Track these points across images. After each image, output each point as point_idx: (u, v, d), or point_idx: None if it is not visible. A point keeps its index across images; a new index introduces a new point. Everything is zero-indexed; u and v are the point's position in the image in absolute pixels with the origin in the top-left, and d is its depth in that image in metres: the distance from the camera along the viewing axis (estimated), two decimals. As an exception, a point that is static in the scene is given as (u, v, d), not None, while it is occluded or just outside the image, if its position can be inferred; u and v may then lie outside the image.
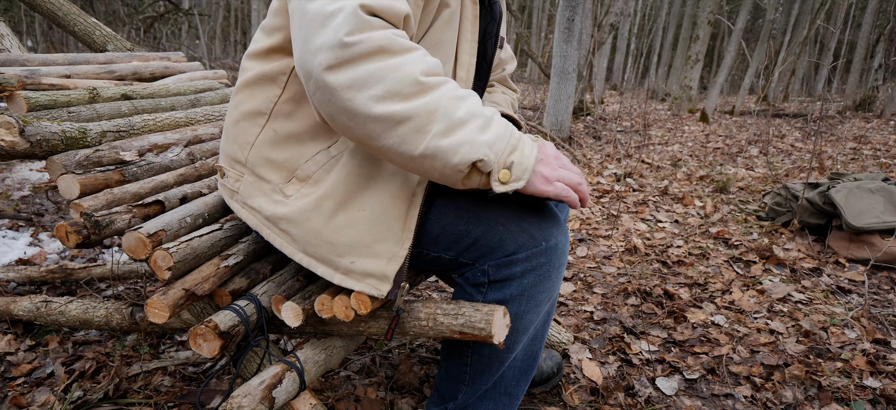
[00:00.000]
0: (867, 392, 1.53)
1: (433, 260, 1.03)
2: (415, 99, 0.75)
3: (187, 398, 1.40)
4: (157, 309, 0.95)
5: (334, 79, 0.75)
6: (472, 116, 0.77)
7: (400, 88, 0.75)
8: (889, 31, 12.48)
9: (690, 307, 2.03)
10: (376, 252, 0.91)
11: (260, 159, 0.98)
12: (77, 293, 1.93)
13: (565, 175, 0.84)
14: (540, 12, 21.23)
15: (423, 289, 2.12)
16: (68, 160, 1.03)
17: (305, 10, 0.77)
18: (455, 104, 0.77)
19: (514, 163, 0.79)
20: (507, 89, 1.40)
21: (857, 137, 7.04)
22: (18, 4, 8.18)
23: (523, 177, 0.80)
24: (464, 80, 0.96)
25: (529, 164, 0.80)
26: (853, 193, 2.62)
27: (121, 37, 2.43)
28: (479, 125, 0.78)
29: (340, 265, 0.92)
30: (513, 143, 0.80)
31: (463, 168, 0.78)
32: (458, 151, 0.76)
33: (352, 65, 0.74)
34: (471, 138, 0.76)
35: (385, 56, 0.75)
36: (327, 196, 0.91)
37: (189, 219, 1.08)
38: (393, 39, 0.75)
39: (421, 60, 0.77)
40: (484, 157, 0.77)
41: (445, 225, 0.98)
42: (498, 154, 0.78)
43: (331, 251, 0.92)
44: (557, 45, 5.14)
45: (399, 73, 0.75)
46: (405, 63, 0.75)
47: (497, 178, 0.79)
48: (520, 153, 0.80)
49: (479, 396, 1.08)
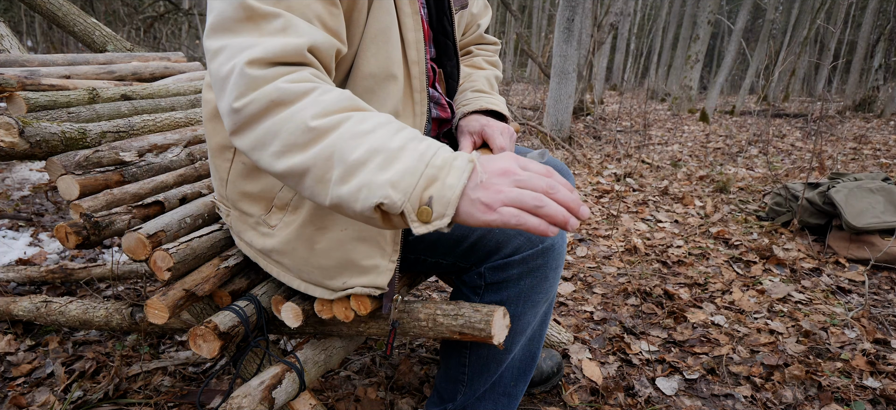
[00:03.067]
0: (867, 392, 1.53)
1: (431, 265, 1.03)
2: (310, 148, 0.68)
3: (187, 398, 1.40)
4: (156, 309, 0.95)
5: (240, 144, 0.73)
6: (372, 153, 0.66)
7: (293, 140, 0.68)
8: (889, 31, 12.48)
9: (690, 307, 2.03)
10: (365, 268, 0.90)
11: (237, 194, 0.96)
12: (77, 293, 1.93)
13: (516, 195, 0.65)
14: (540, 12, 21.22)
15: (423, 289, 2.12)
16: (68, 161, 1.03)
17: (211, 71, 0.74)
18: (352, 144, 0.66)
19: (433, 198, 0.65)
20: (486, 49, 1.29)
21: (857, 137, 7.03)
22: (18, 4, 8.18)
23: (447, 213, 0.65)
24: (415, 62, 0.89)
25: (453, 196, 0.65)
26: (853, 193, 2.61)
27: (121, 37, 2.43)
28: (379, 162, 0.66)
29: (334, 287, 0.92)
30: (430, 174, 0.65)
31: (369, 214, 0.67)
32: (357, 197, 0.66)
33: (248, 128, 0.71)
34: (369, 180, 0.65)
35: (278, 109, 0.69)
36: (307, 222, 0.89)
37: (189, 220, 1.08)
38: (284, 89, 0.69)
39: (314, 102, 0.69)
40: (385, 200, 0.65)
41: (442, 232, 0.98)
42: (406, 192, 0.65)
43: (323, 275, 0.92)
44: (557, 45, 5.14)
45: (291, 124, 0.68)
46: (297, 111, 0.68)
47: (414, 219, 0.66)
48: (440, 184, 0.65)
49: (477, 396, 1.08)
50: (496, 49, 1.31)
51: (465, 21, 1.22)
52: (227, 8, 0.72)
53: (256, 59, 0.69)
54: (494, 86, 1.20)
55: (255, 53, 0.69)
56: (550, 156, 1.00)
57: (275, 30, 0.71)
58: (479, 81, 1.16)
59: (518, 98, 9.97)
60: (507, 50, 20.77)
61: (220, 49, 0.72)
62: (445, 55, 1.08)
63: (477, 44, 1.29)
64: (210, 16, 0.74)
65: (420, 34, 0.89)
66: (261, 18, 0.71)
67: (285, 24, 0.72)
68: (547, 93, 7.18)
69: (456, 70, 1.10)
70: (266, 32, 0.71)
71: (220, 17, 0.72)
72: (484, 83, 1.16)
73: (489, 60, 1.27)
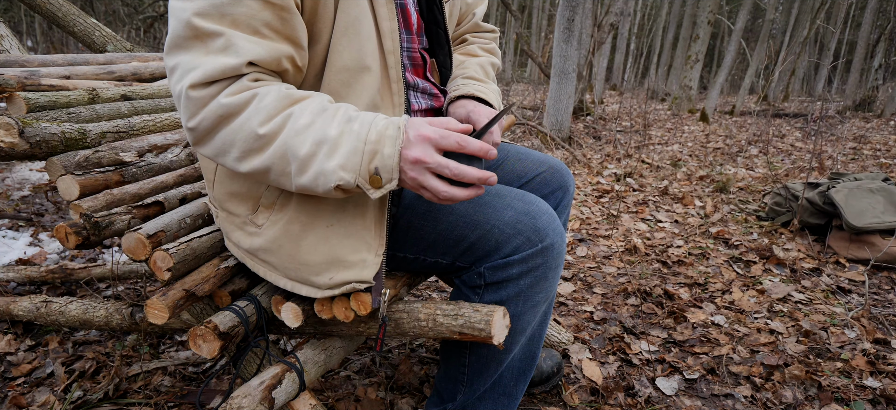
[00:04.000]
0: (867, 392, 1.53)
1: (430, 265, 1.03)
2: (265, 150, 0.78)
3: (187, 398, 1.40)
4: (156, 309, 0.95)
5: (203, 152, 0.83)
6: (318, 146, 0.77)
7: (249, 146, 0.78)
8: (889, 31, 12.48)
9: (690, 307, 2.03)
10: (351, 263, 0.90)
11: (224, 194, 0.97)
12: (77, 293, 1.93)
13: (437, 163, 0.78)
14: (540, 12, 21.22)
15: (422, 289, 2.12)
16: (68, 161, 1.03)
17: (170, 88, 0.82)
18: (299, 141, 0.77)
19: (379, 168, 0.78)
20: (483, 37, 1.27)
21: (857, 137, 7.03)
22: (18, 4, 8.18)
23: (394, 177, 0.78)
24: (391, 51, 0.89)
25: (393, 163, 0.77)
26: (853, 193, 2.61)
27: (121, 37, 2.43)
28: (326, 152, 0.77)
29: (320, 283, 0.92)
30: (370, 150, 0.77)
31: (333, 194, 0.79)
32: (317, 183, 0.78)
33: (205, 141, 0.81)
34: (321, 168, 0.77)
35: (226, 122, 0.78)
36: (293, 219, 0.91)
37: (189, 220, 1.08)
38: (226, 104, 0.76)
39: (257, 110, 0.77)
40: (341, 181, 0.77)
41: (441, 232, 0.98)
42: (355, 171, 0.77)
43: (309, 272, 0.92)
44: (557, 45, 5.14)
45: (243, 133, 0.78)
46: (245, 121, 0.77)
47: (369, 187, 0.79)
48: (380, 155, 0.77)
49: (477, 396, 1.08)
50: (494, 36, 1.29)
51: (460, 11, 1.20)
52: (178, 27, 0.77)
53: (197, 82, 0.76)
54: (489, 74, 1.19)
55: (195, 77, 0.76)
56: None
57: (217, 49, 0.77)
58: (470, 68, 1.15)
59: (518, 98, 9.97)
60: (507, 50, 20.77)
61: (173, 67, 0.79)
62: (437, 44, 1.08)
63: (473, 32, 1.27)
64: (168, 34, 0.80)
65: (395, 23, 0.89)
66: (206, 37, 0.76)
67: (226, 43, 0.76)
68: (547, 93, 7.18)
69: (448, 59, 1.10)
70: (210, 51, 0.77)
71: (173, 35, 0.78)
72: (475, 70, 1.15)
73: (485, 48, 1.25)
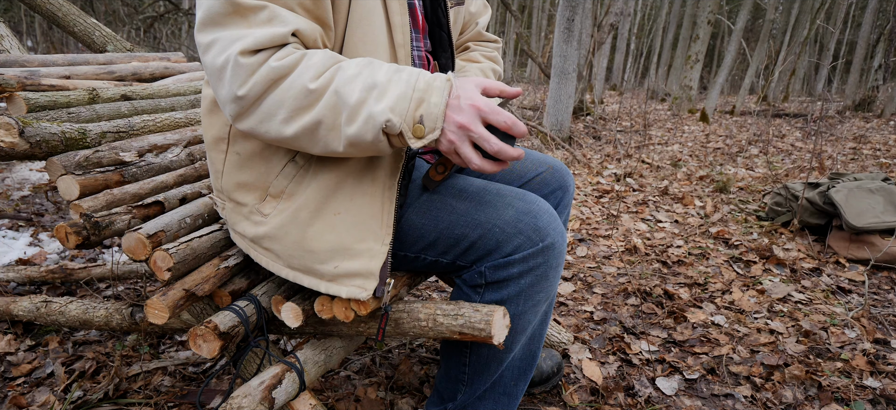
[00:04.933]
0: (867, 392, 1.53)
1: (430, 264, 1.03)
2: (316, 105, 0.79)
3: (187, 398, 1.40)
4: (156, 309, 0.95)
5: (246, 125, 0.83)
6: (368, 90, 0.78)
7: (299, 104, 0.79)
8: (889, 31, 12.48)
9: (690, 307, 2.03)
10: (358, 252, 0.91)
11: (232, 184, 0.98)
12: (77, 293, 1.93)
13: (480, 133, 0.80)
14: (540, 12, 21.22)
15: (422, 289, 2.12)
16: (68, 161, 1.03)
17: (205, 64, 0.81)
18: (349, 89, 0.78)
19: (424, 115, 0.79)
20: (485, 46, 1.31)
21: (857, 137, 7.03)
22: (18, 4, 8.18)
23: (437, 126, 0.79)
24: (402, 45, 0.93)
25: (439, 111, 0.79)
26: (853, 193, 2.61)
27: (120, 37, 2.44)
28: (376, 95, 0.78)
29: (325, 272, 0.92)
30: (418, 97, 0.79)
31: (379, 140, 0.80)
32: (367, 127, 0.78)
33: (252, 109, 0.81)
34: (372, 111, 0.77)
35: (276, 84, 0.79)
36: (302, 206, 0.91)
37: (189, 220, 1.08)
38: (276, 67, 0.78)
39: (307, 68, 0.79)
40: (388, 121, 0.78)
41: (442, 230, 0.98)
42: (402, 114, 0.78)
43: (313, 260, 0.92)
44: (557, 45, 5.14)
45: (293, 91, 0.78)
46: (295, 79, 0.78)
47: (411, 136, 0.80)
48: (427, 103, 0.79)
49: (478, 396, 1.08)
50: (497, 46, 1.32)
51: (463, 19, 1.23)
52: (215, 4, 0.78)
53: (247, 48, 0.77)
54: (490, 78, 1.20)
55: (246, 44, 0.76)
56: None
57: (261, 20, 0.78)
58: (471, 72, 1.20)
59: (518, 98, 9.97)
60: (507, 50, 20.77)
61: (212, 42, 0.79)
62: (440, 48, 1.10)
63: (476, 41, 1.30)
64: (199, 11, 0.80)
65: (406, 18, 0.93)
66: (248, 11, 0.78)
67: (271, 15, 0.79)
68: (547, 93, 7.18)
69: (450, 63, 1.12)
70: (254, 24, 0.78)
71: (208, 12, 0.78)
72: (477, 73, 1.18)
73: (487, 55, 1.28)
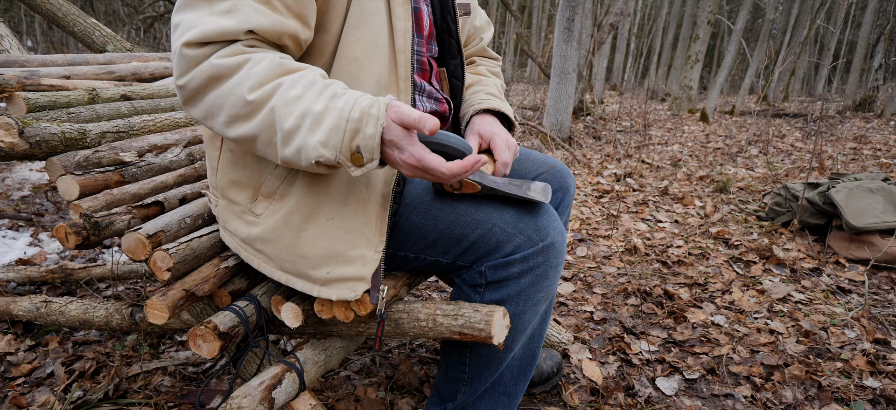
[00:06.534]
0: (867, 392, 1.53)
1: (430, 264, 1.03)
2: (253, 118, 0.78)
3: (187, 398, 1.40)
4: (156, 309, 0.95)
5: (191, 113, 0.83)
6: (302, 118, 0.76)
7: (237, 112, 0.78)
8: (889, 31, 12.48)
9: (690, 307, 2.03)
10: (351, 258, 0.90)
11: (226, 182, 0.98)
12: (77, 293, 1.93)
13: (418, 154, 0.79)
14: (540, 12, 21.22)
15: (422, 289, 2.12)
16: (68, 161, 1.03)
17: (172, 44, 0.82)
18: (285, 112, 0.76)
19: (360, 146, 0.77)
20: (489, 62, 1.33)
21: (857, 137, 7.03)
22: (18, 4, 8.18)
23: (375, 157, 0.77)
24: (402, 50, 0.92)
25: (375, 143, 0.77)
26: (853, 193, 2.61)
27: (120, 37, 2.44)
28: (308, 126, 0.76)
29: (317, 277, 0.92)
30: (352, 128, 0.76)
31: (314, 169, 0.79)
32: (300, 157, 0.77)
33: (194, 101, 0.80)
34: (304, 143, 0.76)
35: (217, 83, 0.78)
36: (294, 210, 0.91)
37: (189, 220, 1.08)
38: (217, 65, 0.76)
39: (248, 76, 0.77)
40: (321, 158, 0.76)
41: (442, 230, 0.98)
42: (336, 148, 0.76)
43: (306, 265, 0.92)
44: (557, 45, 5.14)
45: (232, 98, 0.77)
46: (235, 86, 0.77)
47: (350, 165, 0.78)
48: (362, 134, 0.76)
49: (477, 395, 1.08)
50: (499, 63, 1.36)
51: (468, 31, 1.25)
52: None
53: (192, 40, 0.76)
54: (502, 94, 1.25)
55: (191, 35, 0.76)
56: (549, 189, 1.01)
57: (220, 11, 0.78)
58: (490, 86, 1.21)
59: (518, 98, 9.97)
60: (507, 50, 20.77)
61: (176, 25, 0.79)
62: (449, 54, 1.11)
63: (480, 55, 1.33)
64: None
65: (409, 23, 0.92)
66: None
67: (231, 7, 0.78)
68: (547, 93, 7.18)
69: (459, 69, 1.13)
70: (213, 12, 0.78)
71: None
72: (495, 89, 1.21)
73: (492, 70, 1.31)
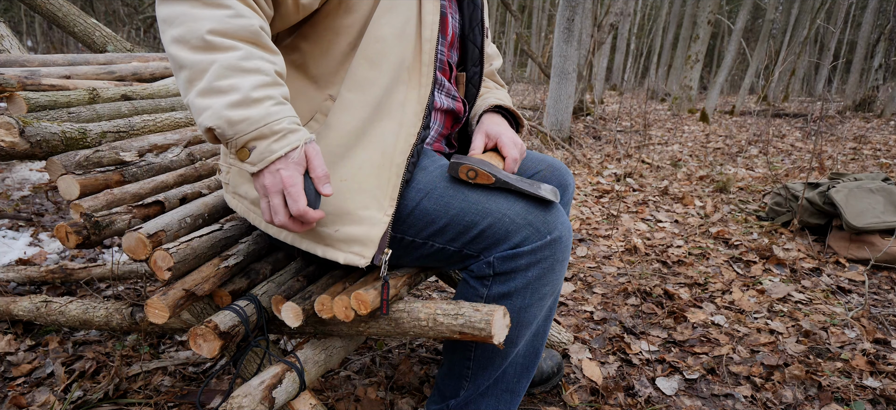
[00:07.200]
0: (867, 392, 1.53)
1: (437, 253, 1.02)
2: (196, 54, 0.79)
3: (187, 398, 1.40)
4: (156, 309, 0.95)
5: (157, 12, 0.84)
6: (233, 89, 0.78)
7: (188, 38, 0.79)
8: (889, 31, 12.48)
9: (690, 307, 2.03)
10: (360, 218, 0.93)
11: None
12: (77, 293, 1.93)
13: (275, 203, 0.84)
14: (540, 12, 21.22)
15: (422, 289, 2.12)
16: (68, 160, 1.03)
17: None
18: (225, 73, 0.78)
19: (256, 149, 0.81)
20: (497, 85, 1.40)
21: (857, 137, 7.04)
22: (18, 4, 8.18)
23: (258, 166, 0.82)
24: (428, 40, 0.96)
25: (269, 159, 0.81)
26: (853, 193, 2.62)
27: (121, 37, 2.44)
28: (235, 100, 0.78)
29: (324, 236, 0.94)
30: (264, 132, 0.80)
31: (202, 130, 0.81)
32: (202, 113, 0.79)
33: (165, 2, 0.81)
34: (216, 107, 0.78)
35: (193, 3, 0.80)
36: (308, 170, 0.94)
37: (189, 220, 1.08)
38: None
39: (219, 20, 0.79)
40: (216, 128, 0.79)
41: (453, 216, 0.98)
42: (237, 133, 0.79)
43: None
44: (557, 45, 5.14)
45: (193, 24, 0.79)
46: (204, 17, 0.79)
47: (233, 153, 0.82)
48: (267, 143, 0.80)
49: (480, 392, 1.08)
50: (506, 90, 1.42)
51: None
52: None
53: None
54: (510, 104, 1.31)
55: None
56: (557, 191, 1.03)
57: None
58: (500, 93, 1.29)
59: (518, 98, 9.97)
60: (507, 50, 20.77)
61: None
62: (472, 61, 1.17)
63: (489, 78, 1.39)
64: None
65: (437, 18, 0.97)
66: None
67: None
68: (547, 94, 7.19)
69: (478, 77, 1.19)
70: None
71: None
72: (505, 95, 1.29)
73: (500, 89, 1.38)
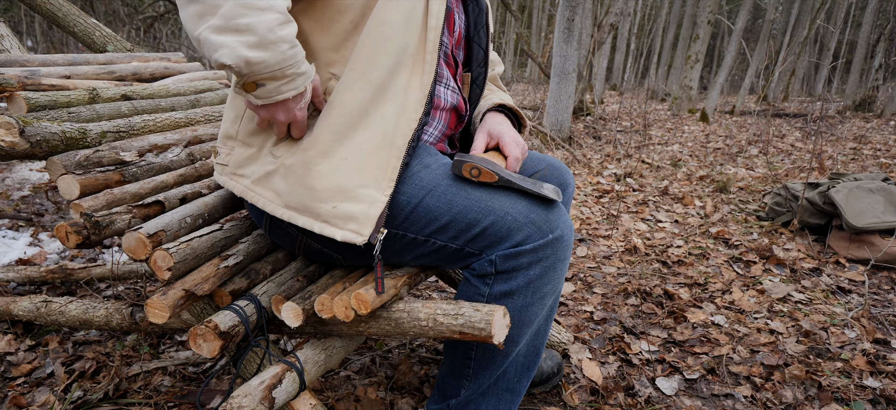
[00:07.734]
0: (867, 392, 1.53)
1: (439, 250, 1.02)
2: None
3: (187, 398, 1.40)
4: (156, 309, 0.95)
5: None
6: (249, 29, 0.80)
7: None
8: (889, 31, 12.48)
9: (690, 307, 2.03)
10: (359, 196, 0.94)
11: (250, 129, 1.02)
12: (77, 293, 1.93)
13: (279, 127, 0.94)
14: (540, 12, 21.21)
15: (422, 290, 2.12)
16: (68, 160, 1.03)
17: None
18: (239, 11, 0.79)
19: (266, 87, 0.85)
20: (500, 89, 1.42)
21: (857, 137, 7.04)
22: (18, 4, 8.18)
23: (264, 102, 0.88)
24: (433, 28, 0.98)
25: (277, 98, 0.87)
26: (853, 193, 2.62)
27: (121, 37, 2.44)
28: (252, 42, 0.80)
29: (322, 212, 0.94)
30: (280, 73, 0.85)
31: (214, 63, 0.83)
32: (217, 50, 0.81)
33: None
34: (233, 46, 0.80)
35: None
36: (309, 147, 0.95)
37: (189, 220, 1.08)
38: None
39: None
40: (234, 66, 0.82)
41: (456, 214, 0.98)
42: (253, 73, 0.83)
43: (313, 198, 0.94)
44: (557, 45, 5.14)
45: None
46: None
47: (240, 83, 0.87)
48: (277, 84, 0.86)
49: (481, 391, 1.08)
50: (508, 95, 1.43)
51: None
52: None
53: None
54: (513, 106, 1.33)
55: None
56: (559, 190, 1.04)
57: None
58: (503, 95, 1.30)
59: (518, 98, 9.98)
60: (507, 50, 20.77)
61: None
62: (476, 62, 1.18)
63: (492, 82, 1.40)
64: None
65: (443, 7, 0.98)
66: None
67: None
68: (547, 94, 7.19)
69: (482, 77, 1.20)
70: None
71: None
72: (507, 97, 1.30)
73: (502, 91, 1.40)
